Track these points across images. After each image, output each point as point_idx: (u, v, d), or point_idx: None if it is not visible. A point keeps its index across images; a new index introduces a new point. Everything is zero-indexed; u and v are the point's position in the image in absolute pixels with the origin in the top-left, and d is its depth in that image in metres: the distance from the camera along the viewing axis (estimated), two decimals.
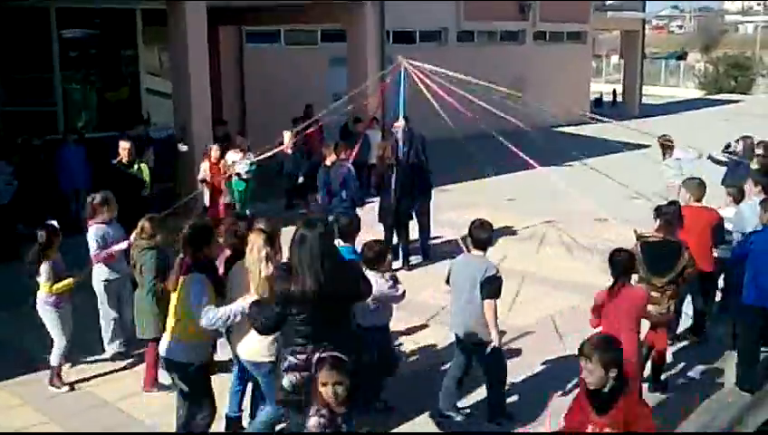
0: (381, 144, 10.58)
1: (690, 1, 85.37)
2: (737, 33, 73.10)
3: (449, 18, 23.96)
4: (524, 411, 6.36)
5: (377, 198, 10.74)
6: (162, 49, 15.30)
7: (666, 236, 6.65)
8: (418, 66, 9.24)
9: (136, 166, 10.00)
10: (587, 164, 11.12)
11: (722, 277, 8.15)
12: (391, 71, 10.36)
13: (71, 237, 7.17)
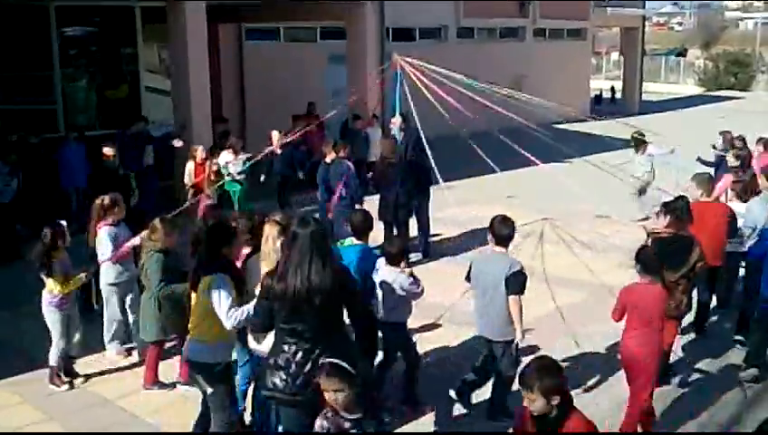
0: (384, 141, 10.55)
1: None
2: (737, 29, 72.97)
3: (449, 15, 23.95)
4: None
5: (375, 196, 10.73)
6: (161, 47, 15.30)
7: (676, 231, 6.69)
8: (414, 63, 9.23)
9: (121, 172, 9.74)
10: (588, 161, 11.12)
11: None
12: (387, 69, 10.38)
13: (72, 236, 7.12)
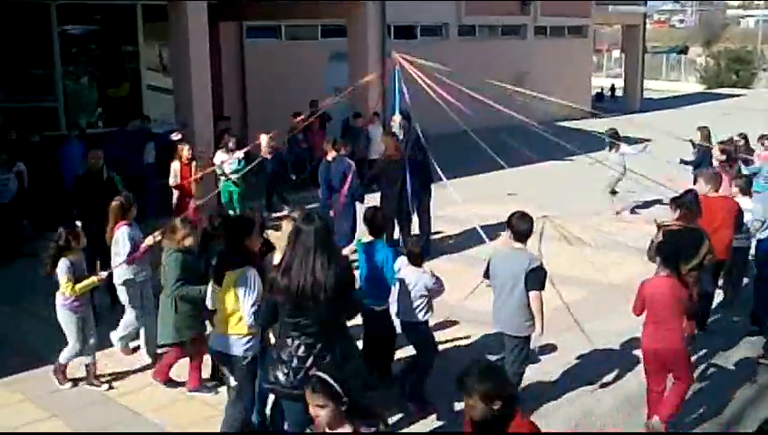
0: (386, 139, 10.54)
1: None
2: (738, 27, 72.88)
3: (450, 13, 23.93)
4: (526, 406, 6.37)
5: (375, 194, 10.72)
6: (162, 45, 15.30)
7: (686, 224, 6.78)
8: (413, 61, 9.23)
9: (105, 176, 8.91)
10: (593, 157, 11.13)
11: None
12: (386, 66, 10.39)
13: None
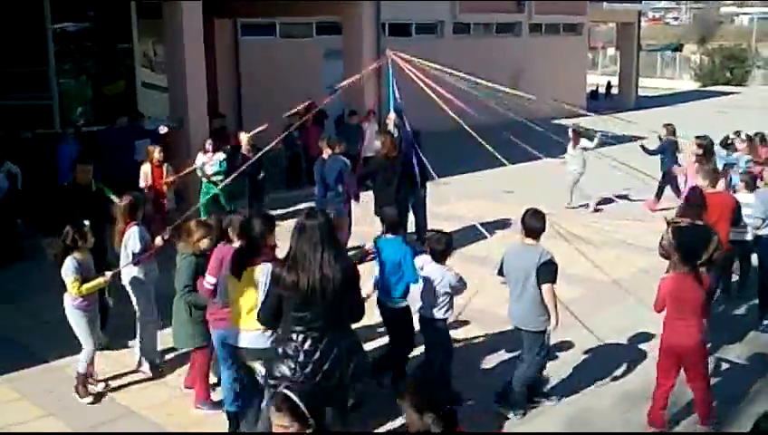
0: (383, 137, 10.53)
1: None
2: (733, 24, 73.04)
3: (445, 10, 23.93)
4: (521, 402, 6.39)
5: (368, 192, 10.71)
6: (157, 42, 15.25)
7: (692, 220, 6.89)
8: (407, 59, 9.22)
9: (94, 188, 8.29)
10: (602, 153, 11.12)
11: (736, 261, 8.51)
12: (379, 64, 10.38)
13: None
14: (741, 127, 13.04)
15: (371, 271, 6.63)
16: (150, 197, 10.32)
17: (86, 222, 6.70)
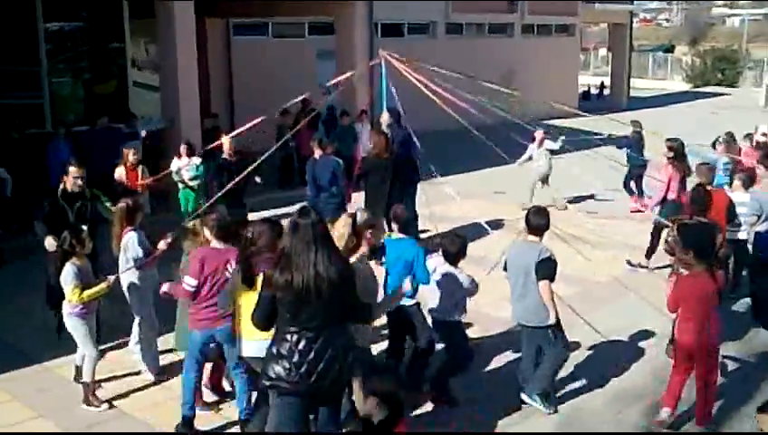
0: (375, 137, 10.52)
1: None
2: (724, 26, 73.31)
3: (438, 11, 23.95)
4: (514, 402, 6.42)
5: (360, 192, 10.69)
6: (149, 42, 15.21)
7: (698, 217, 7.04)
8: (399, 59, 9.22)
9: (89, 195, 7.75)
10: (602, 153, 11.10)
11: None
12: (373, 64, 10.37)
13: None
14: (731, 128, 13.14)
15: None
16: None
17: (84, 227, 6.66)
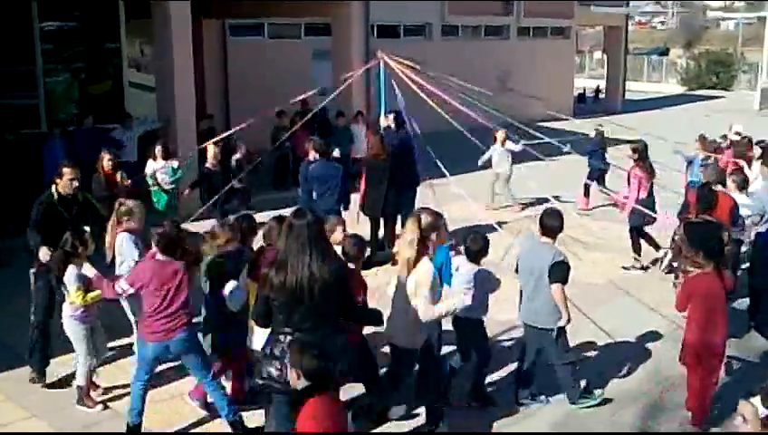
0: (373, 138, 10.50)
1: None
2: (719, 29, 73.50)
3: (434, 13, 23.96)
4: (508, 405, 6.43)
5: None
6: (145, 42, 15.19)
7: (704, 216, 7.17)
8: (398, 60, 9.24)
9: (81, 198, 7.28)
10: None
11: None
12: (370, 65, 10.39)
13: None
14: (724, 131, 13.25)
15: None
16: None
17: (86, 228, 6.62)
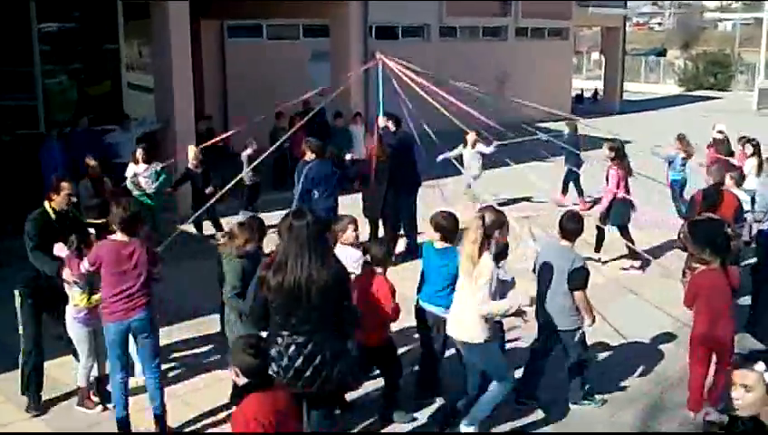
0: (372, 140, 10.51)
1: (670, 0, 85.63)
2: (716, 30, 73.57)
3: (432, 14, 23.98)
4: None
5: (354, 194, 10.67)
6: (143, 43, 15.19)
7: (709, 214, 7.30)
8: (396, 61, 9.24)
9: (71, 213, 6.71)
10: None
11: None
12: (369, 66, 10.40)
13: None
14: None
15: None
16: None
17: (92, 230, 6.59)
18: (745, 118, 24.89)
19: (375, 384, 6.58)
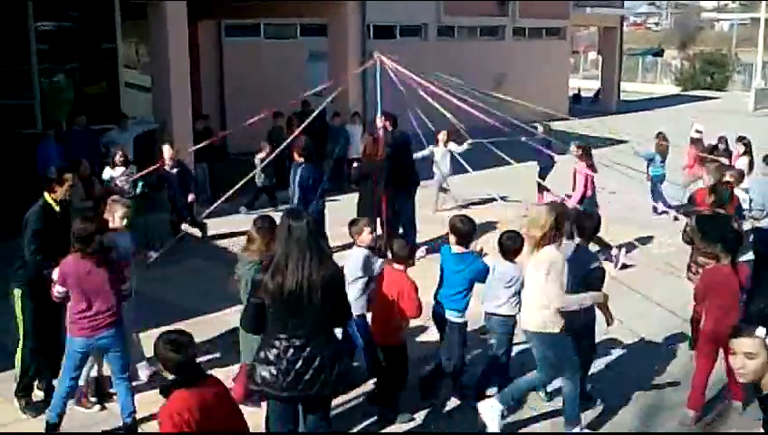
0: (368, 139, 10.48)
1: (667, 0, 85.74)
2: (713, 30, 73.69)
3: (430, 13, 23.99)
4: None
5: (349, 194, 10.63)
6: (141, 43, 15.17)
7: (715, 209, 7.39)
8: (395, 61, 9.23)
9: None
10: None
11: None
12: (367, 66, 10.37)
13: None
14: (719, 132, 13.39)
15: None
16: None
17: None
18: (742, 118, 24.92)
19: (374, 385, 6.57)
